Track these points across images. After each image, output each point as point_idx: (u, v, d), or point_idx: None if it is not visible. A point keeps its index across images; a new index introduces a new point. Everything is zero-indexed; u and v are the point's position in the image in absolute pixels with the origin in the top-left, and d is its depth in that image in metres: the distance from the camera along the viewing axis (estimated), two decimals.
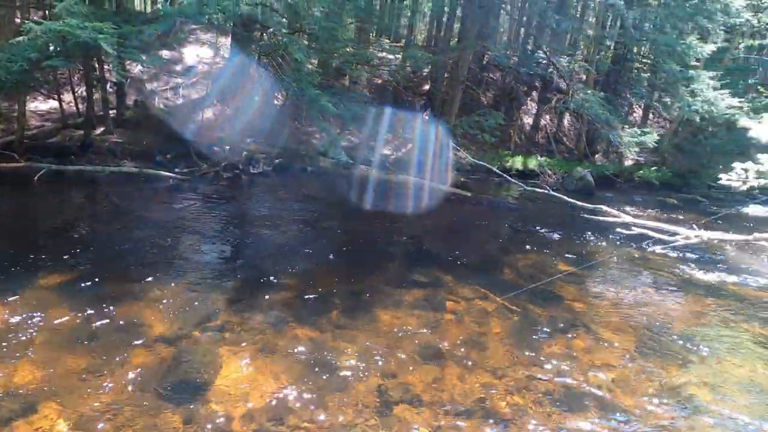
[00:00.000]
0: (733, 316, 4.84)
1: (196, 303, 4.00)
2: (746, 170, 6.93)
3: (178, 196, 7.40)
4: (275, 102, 11.20)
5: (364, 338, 3.72)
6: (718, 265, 6.49)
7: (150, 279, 4.33)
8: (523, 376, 3.40)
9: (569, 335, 4.11)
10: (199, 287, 4.31)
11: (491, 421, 2.90)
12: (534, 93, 15.61)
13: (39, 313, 3.57)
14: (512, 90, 14.56)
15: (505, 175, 9.94)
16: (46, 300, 3.80)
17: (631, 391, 3.34)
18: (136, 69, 10.78)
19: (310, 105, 8.03)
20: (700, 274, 6.06)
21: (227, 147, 9.56)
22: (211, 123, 10.45)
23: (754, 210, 7.09)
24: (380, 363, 3.39)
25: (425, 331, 3.95)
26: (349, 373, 3.23)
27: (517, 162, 12.43)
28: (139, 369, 3.05)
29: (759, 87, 15.26)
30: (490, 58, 15.14)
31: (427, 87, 14.39)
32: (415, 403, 3.00)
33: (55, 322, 3.50)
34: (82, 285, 4.10)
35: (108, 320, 3.58)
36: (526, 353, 3.73)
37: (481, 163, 10.28)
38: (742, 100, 12.15)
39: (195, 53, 12.61)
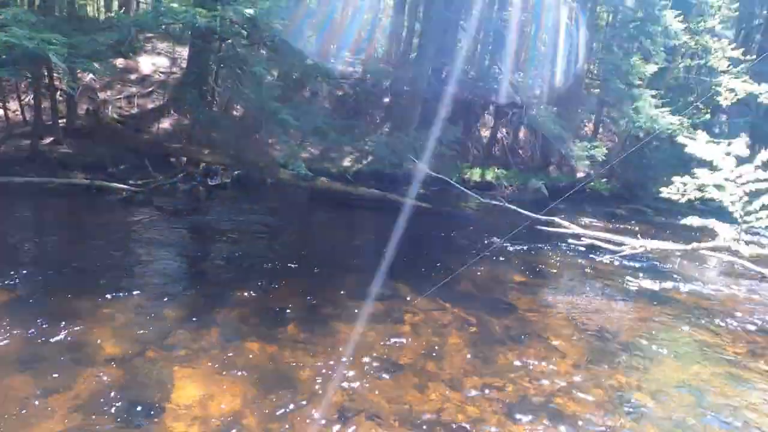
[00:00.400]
0: (675, 323, 5.12)
1: (149, 320, 3.92)
2: (685, 183, 7.35)
3: (131, 209, 7.21)
4: (234, 113, 11.09)
5: (322, 352, 3.73)
6: (662, 274, 6.84)
7: (100, 296, 4.20)
8: (479, 386, 3.50)
9: (523, 344, 4.25)
10: (152, 304, 4.21)
11: (449, 431, 2.97)
12: (491, 107, 16.05)
13: None
14: (470, 104, 14.93)
15: (462, 188, 10.16)
16: None
17: (580, 397, 3.48)
18: (88, 77, 10.46)
19: (270, 117, 8.01)
20: (645, 283, 6.37)
21: (184, 158, 9.39)
22: (168, 134, 10.25)
23: (692, 221, 7.51)
24: (339, 377, 3.42)
25: (384, 343, 4.00)
26: (307, 388, 3.24)
27: (475, 174, 12.74)
28: (89, 391, 2.96)
29: (698, 105, 16.21)
30: (448, 73, 15.50)
31: (387, 100, 14.57)
32: (374, 416, 3.04)
33: None
34: (27, 303, 3.95)
35: (55, 340, 3.46)
36: (482, 363, 3.83)
37: (440, 175, 10.47)
38: (683, 116, 12.88)
39: (151, 62, 12.35)
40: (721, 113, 17.23)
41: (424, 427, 2.99)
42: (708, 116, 16.10)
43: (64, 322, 3.68)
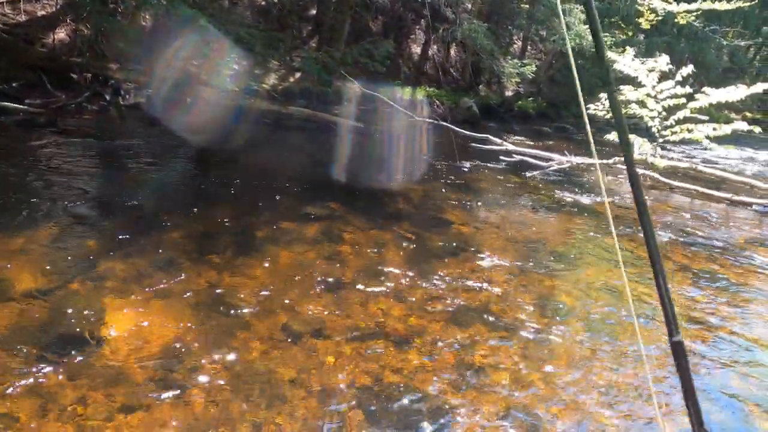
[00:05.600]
0: (596, 231, 5.50)
1: (68, 252, 3.62)
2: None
3: (33, 133, 6.45)
4: (143, 22, 9.95)
5: (262, 275, 3.65)
6: (584, 187, 7.24)
7: (6, 229, 3.80)
8: (419, 298, 3.60)
9: (459, 258, 4.39)
10: (70, 234, 3.88)
11: (391, 341, 3.06)
12: (422, 21, 15.55)
13: None
14: (401, 18, 14.35)
15: (395, 105, 9.98)
16: None
17: (513, 303, 3.70)
18: None
19: (185, 25, 7.24)
20: (569, 196, 6.72)
21: (89, 75, 8.42)
22: (66, 46, 9.06)
23: (613, 136, 7.92)
24: (280, 298, 3.38)
25: (323, 263, 3.98)
26: (248, 311, 3.18)
27: (407, 93, 12.52)
28: (7, 329, 2.72)
29: (620, 23, 16.60)
30: None
31: (314, 12, 13.66)
32: (318, 333, 3.05)
33: None
34: None
35: None
36: (421, 277, 3.93)
37: (371, 92, 10.19)
38: (606, 35, 13.17)
39: None
40: (640, 33, 17.81)
41: (368, 339, 3.05)
42: (629, 36, 16.60)
43: None
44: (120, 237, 3.96)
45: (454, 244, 4.69)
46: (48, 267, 3.37)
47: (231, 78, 9.30)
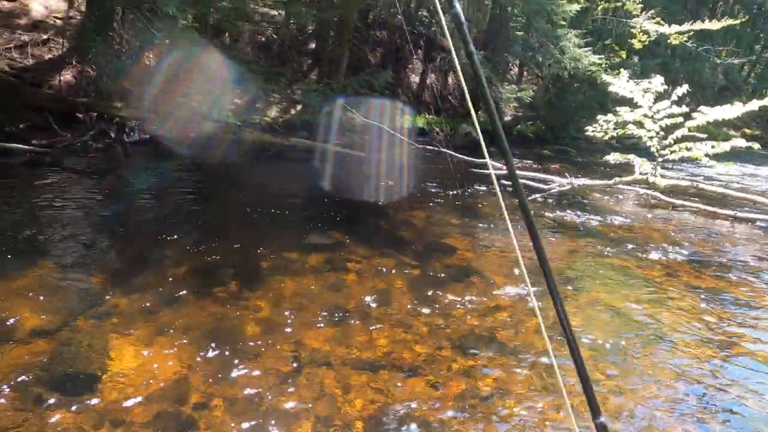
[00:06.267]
0: (600, 252, 5.48)
1: (73, 289, 3.63)
2: (607, 122, 7.73)
3: (39, 173, 6.54)
4: (147, 62, 10.18)
5: (266, 306, 3.65)
6: (587, 209, 7.25)
7: (12, 268, 3.82)
8: (426, 326, 3.58)
9: (463, 283, 4.37)
10: (76, 271, 3.90)
11: (399, 370, 3.03)
12: (419, 52, 15.86)
13: None
14: (398, 49, 14.65)
15: (396, 134, 10.10)
16: None
17: (520, 327, 3.66)
18: None
19: (188, 63, 7.41)
20: (572, 218, 6.72)
21: (94, 114, 8.58)
22: (72, 87, 9.26)
23: (613, 157, 7.97)
24: (286, 330, 3.36)
25: (328, 293, 3.97)
26: (254, 344, 3.16)
27: (406, 121, 12.67)
28: (14, 368, 2.71)
29: (614, 46, 16.89)
30: (375, 16, 15.04)
31: (313, 45, 13.96)
32: (324, 364, 3.03)
33: None
34: None
35: None
36: (427, 304, 3.91)
37: (372, 122, 10.33)
38: (601, 57, 13.39)
39: (43, 5, 10.95)
40: (634, 54, 18.10)
41: (375, 369, 3.03)
42: (623, 58, 16.86)
43: None
44: (124, 272, 3.97)
45: (459, 269, 4.67)
46: (53, 305, 3.37)
47: (233, 112, 9.45)
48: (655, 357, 3.44)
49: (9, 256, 3.99)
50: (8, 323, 3.11)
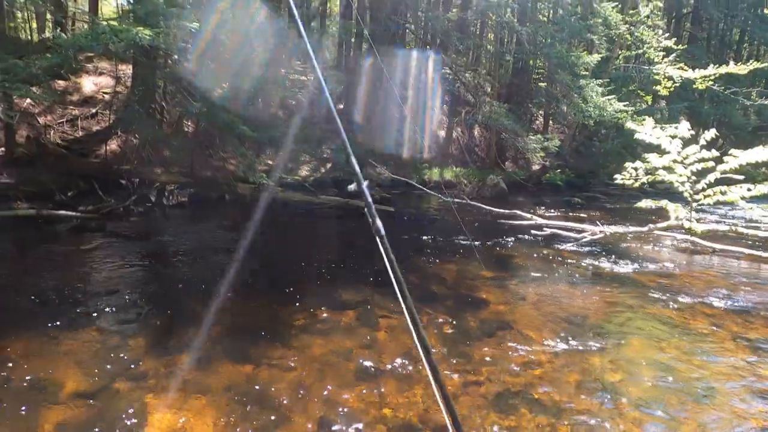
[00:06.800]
0: (638, 302, 5.31)
1: (113, 352, 3.74)
2: (636, 168, 7.66)
3: (84, 237, 6.88)
4: (185, 129, 10.80)
5: (298, 366, 3.66)
6: (621, 257, 7.08)
7: (57, 331, 3.98)
8: (459, 383, 3.51)
9: (497, 337, 4.29)
10: (115, 334, 4.03)
11: (433, 430, 2.96)
12: (444, 107, 16.29)
13: None
14: (425, 105, 15.09)
15: (424, 188, 10.24)
16: None
17: (558, 384, 3.55)
18: (25, 102, 9.96)
19: (225, 130, 7.82)
20: (607, 267, 6.57)
21: (136, 180, 9.07)
22: (117, 156, 9.87)
23: (646, 203, 7.83)
24: (318, 390, 3.35)
25: (360, 350, 3.96)
26: (287, 403, 3.16)
27: (435, 174, 12.87)
28: (56, 430, 2.79)
29: (639, 92, 16.96)
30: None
31: (341, 106, 14.55)
32: (357, 424, 2.99)
33: None
34: None
35: (12, 381, 3.24)
36: (460, 360, 3.85)
37: (400, 177, 10.54)
38: (627, 104, 13.45)
39: (93, 82, 11.88)
40: (660, 99, 18.10)
41: (409, 429, 2.96)
42: (649, 103, 16.87)
43: (19, 362, 3.46)
44: (161, 335, 4.08)
45: (492, 323, 4.60)
46: (93, 368, 3.48)
47: (266, 173, 9.84)
48: (705, 416, 3.26)
49: (57, 322, 4.16)
50: (51, 387, 3.22)
